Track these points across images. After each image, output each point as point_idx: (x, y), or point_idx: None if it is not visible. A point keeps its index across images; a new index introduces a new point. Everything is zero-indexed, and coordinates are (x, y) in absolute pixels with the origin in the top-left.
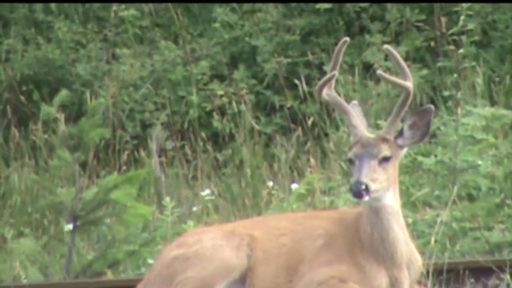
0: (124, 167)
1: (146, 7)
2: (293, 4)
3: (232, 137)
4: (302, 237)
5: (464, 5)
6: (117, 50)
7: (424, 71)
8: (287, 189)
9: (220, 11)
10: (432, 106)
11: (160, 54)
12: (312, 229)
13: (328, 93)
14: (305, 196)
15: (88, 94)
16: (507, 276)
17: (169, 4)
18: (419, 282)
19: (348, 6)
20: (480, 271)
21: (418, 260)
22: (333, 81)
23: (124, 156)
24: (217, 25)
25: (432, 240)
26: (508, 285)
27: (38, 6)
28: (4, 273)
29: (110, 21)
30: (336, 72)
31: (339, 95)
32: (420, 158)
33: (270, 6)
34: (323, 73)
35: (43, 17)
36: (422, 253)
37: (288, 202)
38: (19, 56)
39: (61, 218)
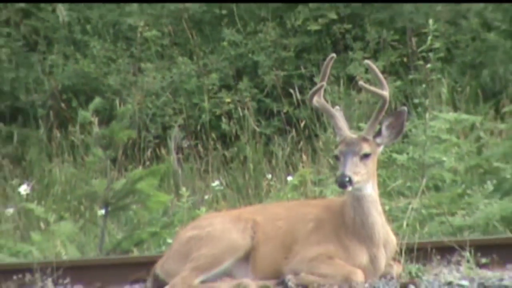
0: (147, 162)
1: (166, 28)
2: (289, 26)
3: (237, 137)
4: (295, 221)
5: (431, 27)
6: (142, 65)
7: (398, 82)
8: (283, 181)
9: (227, 32)
10: (405, 108)
11: (177, 68)
12: (304, 215)
13: (317, 100)
14: (298, 187)
15: (117, 101)
16: (467, 254)
17: (185, 25)
18: (393, 259)
19: (335, 28)
20: (445, 250)
21: (393, 240)
22: (322, 91)
23: (148, 153)
24: (225, 43)
25: (405, 223)
26: (468, 261)
27: (76, 27)
28: (48, 251)
29: (136, 40)
30: (324, 83)
31: (327, 102)
32: (394, 155)
33: (270, 27)
34: (314, 84)
35: (80, 37)
36: (396, 234)
37: (284, 192)
38: (60, 70)
39: (95, 205)
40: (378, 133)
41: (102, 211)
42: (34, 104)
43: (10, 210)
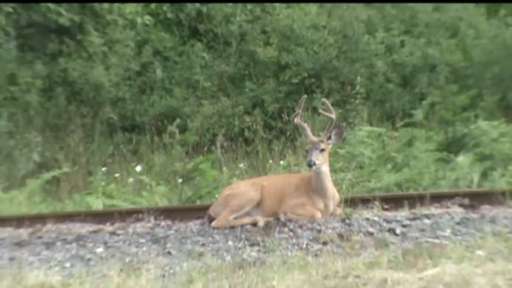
0: (205, 154)
1: (215, 81)
2: (281, 79)
3: (253, 140)
4: (285, 185)
5: (359, 80)
6: (202, 101)
7: (340, 110)
8: (278, 164)
9: (248, 84)
10: (344, 124)
11: (220, 103)
12: (289, 182)
13: (297, 120)
14: (286, 167)
15: (188, 121)
16: (377, 203)
17: (225, 79)
18: (337, 205)
19: (306, 81)
20: (365, 201)
21: (337, 195)
22: (299, 115)
23: (205, 149)
24: (246, 89)
25: (344, 187)
26: (377, 206)
27: (167, 80)
28: (151, 202)
29: (199, 87)
30: (300, 111)
31: (302, 121)
32: (338, 150)
33: (271, 81)
34: (294, 111)
35: (168, 86)
36: (339, 192)
37: (278, 170)
38: (158, 104)
39: (176, 177)
40: (329, 138)
41: (180, 180)
42: (144, 122)
43: (131, 179)
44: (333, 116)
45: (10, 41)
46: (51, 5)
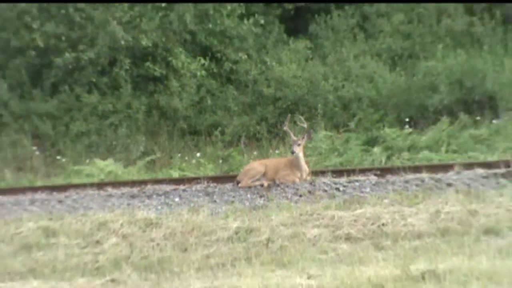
0: (234, 147)
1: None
2: (276, 105)
3: (261, 139)
4: (278, 164)
5: (320, 105)
6: (234, 117)
7: (309, 122)
8: (275, 152)
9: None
10: (312, 130)
11: (243, 119)
12: (281, 162)
13: (285, 128)
14: (279, 154)
15: (225, 128)
16: (329, 173)
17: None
18: (308, 175)
19: (290, 107)
20: (324, 173)
21: (307, 170)
22: (286, 125)
23: (234, 144)
24: (257, 111)
25: (311, 165)
26: (329, 176)
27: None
28: (204, 173)
29: (231, 110)
30: (287, 123)
31: (288, 129)
32: (309, 145)
33: (270, 107)
34: (283, 123)
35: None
36: (309, 167)
37: (275, 155)
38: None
39: (219, 159)
40: (303, 138)
41: (221, 161)
42: (201, 129)
43: (193, 161)
44: (306, 125)
45: (127, 85)
46: (151, 64)
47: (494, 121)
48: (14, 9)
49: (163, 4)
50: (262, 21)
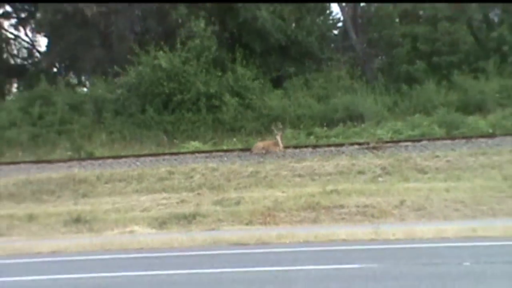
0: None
1: None
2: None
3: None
4: (270, 143)
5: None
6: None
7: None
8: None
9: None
10: (283, 130)
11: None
12: (271, 142)
13: (275, 131)
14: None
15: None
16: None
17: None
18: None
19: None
20: (287, 147)
21: (282, 146)
22: (275, 129)
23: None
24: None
25: (285, 142)
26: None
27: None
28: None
29: None
30: (274, 128)
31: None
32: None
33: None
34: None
35: None
36: (283, 144)
37: (271, 140)
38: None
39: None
40: (281, 134)
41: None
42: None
43: (234, 139)
44: (281, 127)
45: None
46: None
47: None
48: None
49: None
50: (262, 81)
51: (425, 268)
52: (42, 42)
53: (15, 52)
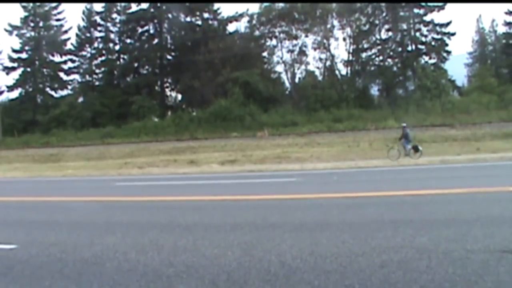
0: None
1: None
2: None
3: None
4: (262, 133)
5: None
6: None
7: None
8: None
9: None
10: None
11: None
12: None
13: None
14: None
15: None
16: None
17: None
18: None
19: None
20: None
21: (267, 135)
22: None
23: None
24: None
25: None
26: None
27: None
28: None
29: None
30: (265, 131)
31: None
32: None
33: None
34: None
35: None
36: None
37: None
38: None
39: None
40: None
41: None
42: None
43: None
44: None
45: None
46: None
47: None
48: None
49: None
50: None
51: (321, 179)
52: None
53: None
